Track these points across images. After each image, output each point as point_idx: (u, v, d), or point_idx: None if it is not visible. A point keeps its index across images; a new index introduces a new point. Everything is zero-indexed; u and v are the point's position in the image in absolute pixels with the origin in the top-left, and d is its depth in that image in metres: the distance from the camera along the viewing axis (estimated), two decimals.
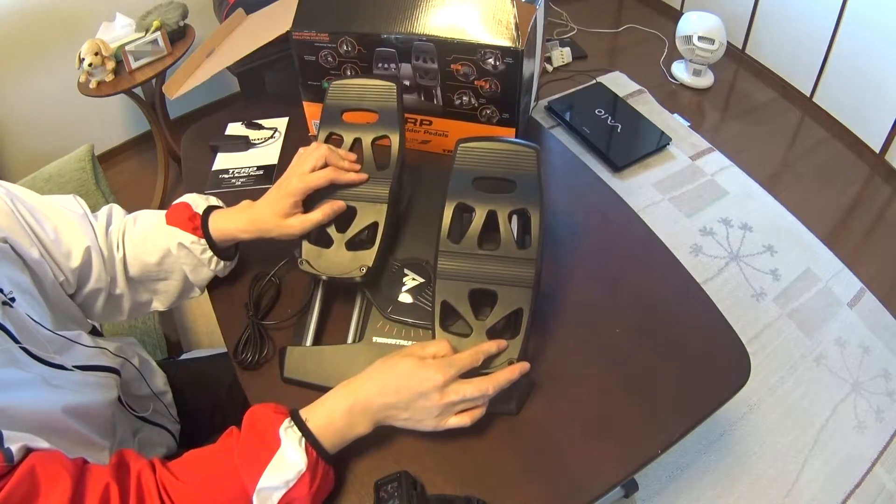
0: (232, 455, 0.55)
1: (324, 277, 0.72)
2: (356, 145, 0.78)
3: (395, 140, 0.77)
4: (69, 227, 0.68)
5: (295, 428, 0.56)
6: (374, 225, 0.74)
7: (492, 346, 0.63)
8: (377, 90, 0.77)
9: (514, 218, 0.72)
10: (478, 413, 0.61)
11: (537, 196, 0.68)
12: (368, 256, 0.72)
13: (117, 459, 0.53)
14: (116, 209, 0.76)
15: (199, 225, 0.72)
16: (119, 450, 0.55)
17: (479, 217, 0.69)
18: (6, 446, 0.47)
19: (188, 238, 0.72)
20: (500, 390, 0.61)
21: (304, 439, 0.55)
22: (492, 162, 0.69)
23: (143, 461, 0.54)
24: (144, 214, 0.76)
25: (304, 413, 0.58)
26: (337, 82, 0.79)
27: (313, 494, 0.55)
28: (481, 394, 0.59)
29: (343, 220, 0.74)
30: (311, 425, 0.57)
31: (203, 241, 0.73)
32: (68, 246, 0.67)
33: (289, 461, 0.54)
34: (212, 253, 0.74)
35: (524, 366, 0.63)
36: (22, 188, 0.67)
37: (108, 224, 0.73)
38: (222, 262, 0.76)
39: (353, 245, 0.73)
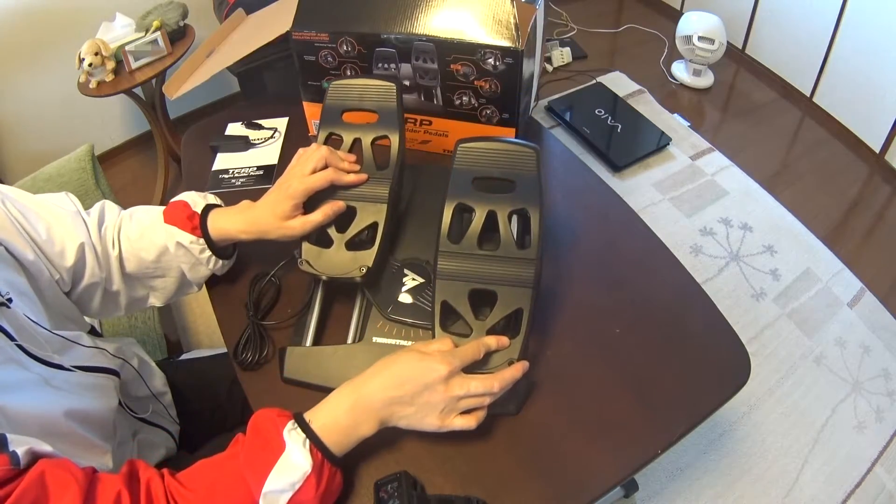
0: (238, 461, 0.55)
1: (324, 277, 0.72)
2: (356, 145, 0.78)
3: (394, 140, 0.77)
4: (62, 225, 0.68)
5: (299, 430, 0.56)
6: (374, 225, 0.74)
7: (492, 340, 0.63)
8: (377, 90, 0.77)
9: (514, 220, 0.71)
10: (482, 415, 0.60)
11: (537, 196, 0.68)
12: (368, 257, 0.72)
13: (128, 469, 0.53)
14: (109, 205, 0.75)
15: (198, 224, 0.72)
16: (129, 459, 0.55)
17: (478, 217, 0.68)
18: (11, 449, 0.47)
19: (187, 238, 0.72)
20: (505, 389, 0.60)
21: (308, 441, 0.55)
22: (491, 162, 0.69)
23: (153, 470, 0.54)
24: (140, 211, 0.76)
25: (308, 415, 0.58)
26: (336, 82, 0.79)
27: (320, 497, 0.55)
28: (486, 390, 0.59)
29: (343, 220, 0.75)
30: (315, 426, 0.56)
31: (202, 240, 0.73)
32: (62, 244, 0.67)
33: (294, 463, 0.53)
34: (210, 252, 0.74)
35: (526, 364, 0.63)
36: (13, 189, 0.67)
37: (102, 221, 0.73)
38: (221, 262, 0.76)
39: (352, 245, 0.73)
